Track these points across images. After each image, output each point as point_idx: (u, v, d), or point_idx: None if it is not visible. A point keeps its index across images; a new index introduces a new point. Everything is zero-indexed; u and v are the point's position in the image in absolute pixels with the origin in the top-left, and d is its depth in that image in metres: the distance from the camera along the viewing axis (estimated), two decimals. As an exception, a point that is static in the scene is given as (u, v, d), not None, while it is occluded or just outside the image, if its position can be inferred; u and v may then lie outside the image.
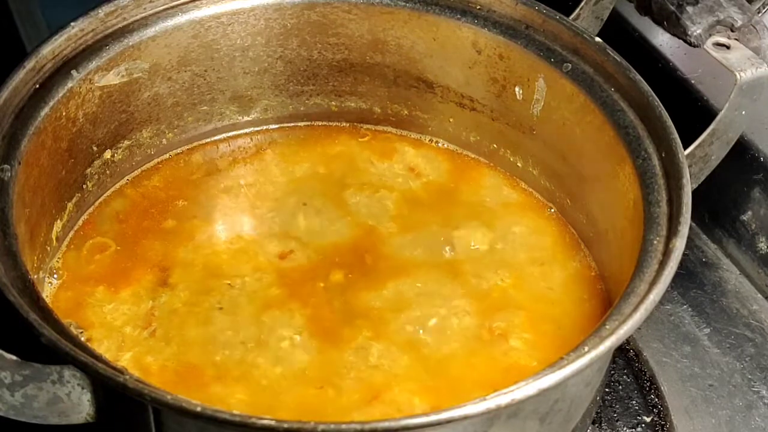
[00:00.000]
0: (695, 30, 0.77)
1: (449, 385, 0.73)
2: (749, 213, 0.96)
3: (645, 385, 0.84)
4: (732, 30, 0.78)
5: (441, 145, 0.94)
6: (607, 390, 0.83)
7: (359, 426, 0.56)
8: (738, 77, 0.75)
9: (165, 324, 0.76)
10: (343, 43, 0.91)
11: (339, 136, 0.95)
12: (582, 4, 0.90)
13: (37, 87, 0.77)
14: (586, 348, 0.61)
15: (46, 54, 0.77)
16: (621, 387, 0.84)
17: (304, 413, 0.70)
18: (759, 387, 0.86)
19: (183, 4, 0.85)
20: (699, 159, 0.78)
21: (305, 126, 0.96)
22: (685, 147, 0.74)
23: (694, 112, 0.98)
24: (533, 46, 0.84)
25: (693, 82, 1.00)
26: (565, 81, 0.82)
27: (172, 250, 0.82)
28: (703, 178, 0.80)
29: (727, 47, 0.77)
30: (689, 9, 0.78)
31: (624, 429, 0.81)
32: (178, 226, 0.85)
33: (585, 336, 0.63)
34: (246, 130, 0.95)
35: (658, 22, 0.81)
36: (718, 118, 0.77)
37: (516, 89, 0.87)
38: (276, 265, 0.81)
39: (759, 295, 0.94)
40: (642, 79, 0.77)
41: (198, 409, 0.56)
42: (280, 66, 0.92)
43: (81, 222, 0.85)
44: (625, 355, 0.86)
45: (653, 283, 0.65)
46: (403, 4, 0.88)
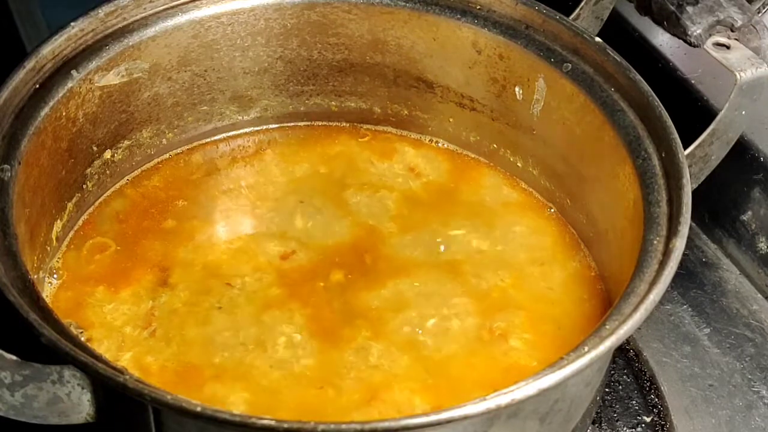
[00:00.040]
0: (695, 30, 0.77)
1: (449, 386, 0.73)
2: (749, 213, 0.96)
3: (645, 385, 0.84)
4: (732, 30, 0.78)
5: (441, 145, 0.94)
6: (607, 390, 0.83)
7: (359, 426, 0.56)
8: (738, 77, 0.75)
9: (165, 324, 0.76)
10: (343, 43, 0.91)
11: (339, 136, 0.95)
12: (582, 4, 0.90)
13: (37, 87, 0.77)
14: (586, 348, 0.61)
15: (46, 54, 0.77)
16: (621, 387, 0.84)
17: (304, 413, 0.70)
18: (759, 387, 0.86)
19: (183, 4, 0.85)
20: (699, 159, 0.78)
21: (305, 126, 0.96)
22: (685, 147, 0.74)
23: (694, 112, 0.98)
24: (533, 46, 0.84)
25: (693, 82, 1.00)
26: (565, 81, 0.82)
27: (172, 250, 0.82)
28: (703, 178, 0.80)
29: (727, 47, 0.77)
30: (689, 9, 0.78)
31: (624, 429, 0.81)
32: (178, 226, 0.85)
33: (585, 336, 0.63)
34: (246, 129, 0.95)
35: (658, 22, 0.81)
36: (718, 118, 0.77)
37: (516, 89, 0.87)
38: (276, 265, 0.81)
39: (759, 295, 0.94)
40: (642, 79, 0.77)
41: (198, 409, 0.56)
42: (280, 66, 0.92)
43: (81, 222, 0.85)
44: (625, 355, 0.86)
45: (653, 283, 0.65)
46: (403, 4, 0.88)
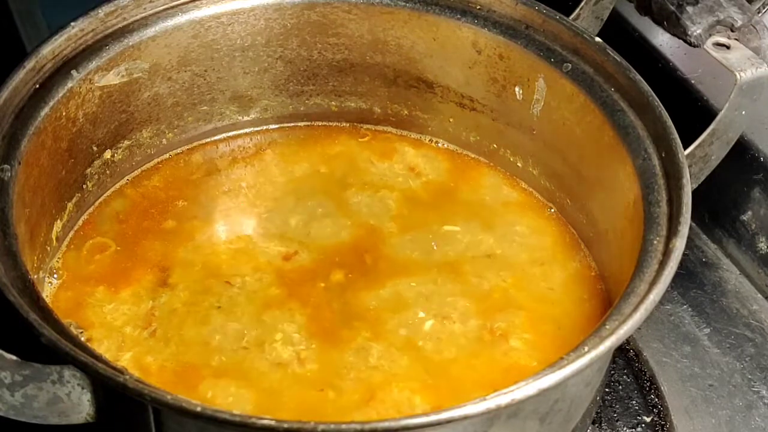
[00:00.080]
0: (695, 30, 0.77)
1: (449, 386, 0.73)
2: (749, 213, 0.96)
3: (645, 385, 0.84)
4: (732, 30, 0.78)
5: (441, 145, 0.94)
6: (607, 390, 0.83)
7: (359, 426, 0.56)
8: (738, 77, 0.75)
9: (165, 324, 0.76)
10: (343, 43, 0.91)
11: (339, 136, 0.95)
12: (582, 4, 0.90)
13: (37, 87, 0.77)
14: (586, 348, 0.61)
15: (46, 54, 0.77)
16: (621, 387, 0.84)
17: (303, 413, 0.70)
18: (759, 387, 0.86)
19: (183, 4, 0.85)
20: (699, 159, 0.78)
21: (305, 126, 0.96)
22: (685, 147, 0.74)
23: (694, 112, 0.98)
24: (533, 46, 0.84)
25: (693, 82, 1.00)
26: (565, 81, 0.82)
27: (172, 250, 0.82)
28: (703, 178, 0.80)
29: (727, 47, 0.77)
30: (689, 9, 0.78)
31: (624, 429, 0.81)
32: (178, 226, 0.85)
33: (585, 336, 0.63)
34: (246, 130, 0.95)
35: (658, 22, 0.81)
36: (718, 118, 0.77)
37: (516, 89, 0.87)
38: (276, 265, 0.81)
39: (759, 295, 0.94)
40: (642, 79, 0.77)
41: (198, 409, 0.56)
42: (280, 66, 0.92)
43: (81, 222, 0.85)
44: (625, 355, 0.86)
45: (653, 283, 0.65)
46: (403, 4, 0.88)
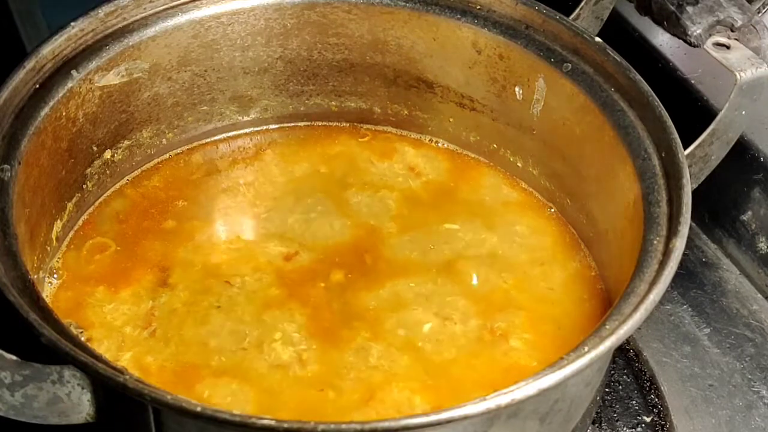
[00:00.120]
0: (695, 30, 0.77)
1: (449, 386, 0.73)
2: (749, 213, 0.96)
3: (645, 385, 0.84)
4: (732, 30, 0.78)
5: (441, 145, 0.94)
6: (607, 390, 0.83)
7: (359, 426, 0.56)
8: (738, 77, 0.75)
9: (165, 324, 0.76)
10: (343, 43, 0.91)
11: (339, 136, 0.95)
12: (582, 4, 0.90)
13: (37, 87, 0.77)
14: (586, 348, 0.61)
15: (46, 54, 0.77)
16: (621, 387, 0.84)
17: (303, 413, 0.70)
18: (759, 387, 0.86)
19: (183, 4, 0.85)
20: (699, 159, 0.78)
21: (305, 126, 0.96)
22: (685, 147, 0.74)
23: (694, 112, 0.98)
24: (533, 46, 0.84)
25: (693, 82, 1.00)
26: (565, 81, 0.82)
27: (172, 250, 0.82)
28: (703, 178, 0.80)
29: (727, 47, 0.77)
30: (689, 9, 0.78)
31: (624, 429, 0.81)
32: (178, 226, 0.85)
33: (585, 336, 0.63)
34: (246, 130, 0.95)
35: (658, 22, 0.81)
36: (718, 118, 0.76)
37: (516, 89, 0.87)
38: (276, 265, 0.81)
39: (759, 295, 0.94)
40: (642, 79, 0.77)
41: (198, 409, 0.56)
42: (280, 66, 0.92)
43: (81, 222, 0.85)
44: (625, 355, 0.86)
45: (653, 283, 0.65)
46: (403, 4, 0.88)
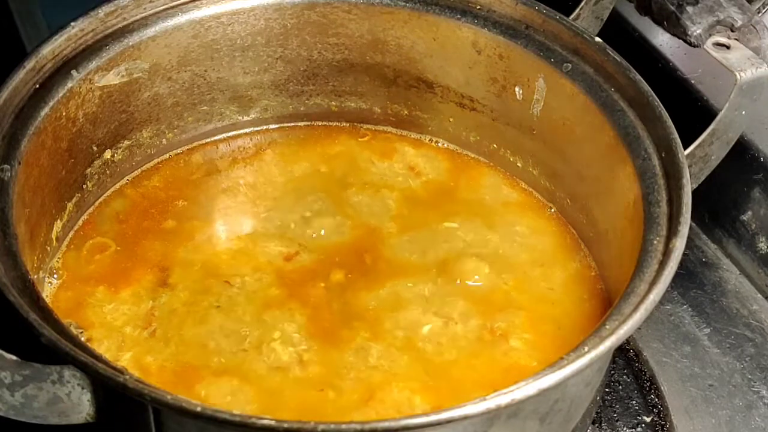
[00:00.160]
0: (695, 30, 0.77)
1: (449, 386, 0.73)
2: (749, 213, 0.96)
3: (645, 385, 0.84)
4: (732, 30, 0.78)
5: (441, 145, 0.94)
6: (607, 390, 0.83)
7: (359, 426, 0.56)
8: (738, 77, 0.75)
9: (165, 324, 0.76)
10: (343, 43, 0.91)
11: (339, 136, 0.95)
12: (582, 4, 0.90)
13: (37, 87, 0.77)
14: (586, 348, 0.61)
15: (46, 54, 0.77)
16: (621, 387, 0.84)
17: (303, 413, 0.70)
18: (759, 387, 0.86)
19: (183, 4, 0.85)
20: (699, 159, 0.78)
21: (305, 126, 0.96)
22: (685, 147, 0.74)
23: (694, 112, 0.98)
24: (533, 46, 0.84)
25: (693, 82, 1.00)
26: (565, 81, 0.82)
27: (172, 250, 0.82)
28: (703, 178, 0.80)
29: (727, 47, 0.77)
30: (689, 9, 0.78)
31: (624, 429, 0.81)
32: (178, 226, 0.85)
33: (585, 336, 0.63)
34: (246, 130, 0.95)
35: (658, 22, 0.81)
36: (718, 118, 0.76)
37: (516, 89, 0.87)
38: (276, 265, 0.81)
39: (759, 295, 0.94)
40: (642, 79, 0.77)
41: (198, 409, 0.56)
42: (280, 66, 0.92)
43: (81, 222, 0.85)
44: (625, 355, 0.86)
45: (653, 283, 0.65)
46: (403, 4, 0.88)
